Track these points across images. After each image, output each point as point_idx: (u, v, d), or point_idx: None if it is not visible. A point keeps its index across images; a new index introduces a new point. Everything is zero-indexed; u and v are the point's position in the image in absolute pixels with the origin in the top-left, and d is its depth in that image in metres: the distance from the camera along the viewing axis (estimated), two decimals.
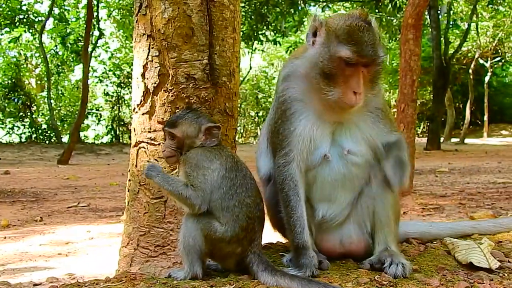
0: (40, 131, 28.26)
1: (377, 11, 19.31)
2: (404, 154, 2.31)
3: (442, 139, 24.92)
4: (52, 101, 27.84)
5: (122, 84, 29.75)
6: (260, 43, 23.32)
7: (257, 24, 20.81)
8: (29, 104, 28.24)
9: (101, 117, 31.73)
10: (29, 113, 28.24)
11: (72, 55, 28.92)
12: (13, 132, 27.99)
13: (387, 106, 2.45)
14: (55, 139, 26.54)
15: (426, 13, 20.55)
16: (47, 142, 26.54)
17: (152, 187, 2.64)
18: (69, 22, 28.47)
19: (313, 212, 2.36)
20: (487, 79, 31.49)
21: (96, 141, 30.06)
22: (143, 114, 2.72)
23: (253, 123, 35.89)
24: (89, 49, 21.71)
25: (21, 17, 26.34)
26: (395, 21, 20.34)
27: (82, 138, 28.05)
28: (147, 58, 2.67)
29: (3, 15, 25.67)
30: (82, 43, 20.87)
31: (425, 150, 20.44)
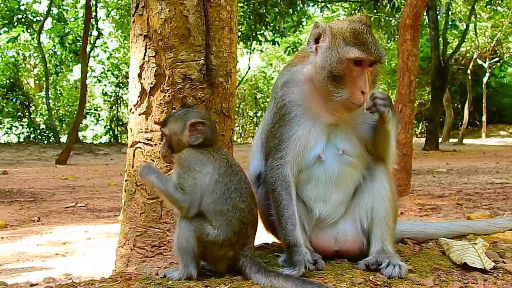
0: (38, 131, 28.17)
1: (375, 11, 19.33)
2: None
3: (440, 139, 24.95)
4: (51, 101, 27.80)
5: (121, 84, 29.67)
6: (258, 43, 23.31)
7: (255, 24, 20.82)
8: (27, 104, 28.15)
9: (99, 117, 31.68)
10: (27, 113, 28.16)
11: (71, 55, 28.87)
12: (11, 132, 27.89)
13: None
14: (53, 139, 26.49)
15: (425, 13, 20.59)
16: (45, 142, 26.46)
17: (149, 188, 2.65)
18: (68, 22, 28.43)
19: (309, 211, 2.40)
20: (485, 79, 31.49)
21: (94, 141, 30.01)
22: (139, 115, 2.73)
23: (251, 123, 35.87)
24: (88, 49, 21.70)
25: (20, 16, 26.29)
26: (393, 21, 20.37)
27: (81, 138, 28.01)
28: (143, 58, 2.68)
29: (1, 14, 25.61)
30: (81, 43, 20.81)
31: (424, 150, 20.46)
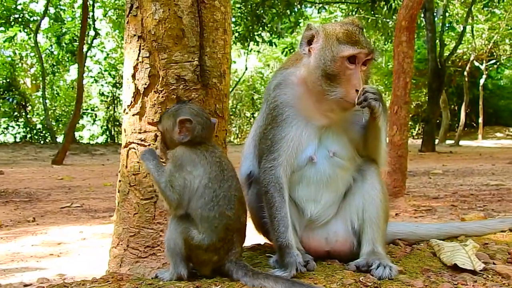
0: (34, 131, 28.12)
1: (372, 13, 19.36)
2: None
3: (437, 141, 24.98)
4: (47, 101, 27.70)
5: (118, 84, 29.61)
6: (256, 44, 23.33)
7: (253, 25, 20.83)
8: (24, 104, 28.10)
9: (96, 117, 31.64)
10: (23, 113, 28.11)
11: (68, 55, 28.78)
12: (7, 132, 27.84)
13: None
14: (49, 139, 26.41)
15: (422, 15, 20.64)
16: (41, 142, 26.39)
17: (142, 188, 2.65)
18: (65, 22, 28.33)
19: (300, 212, 2.42)
20: (482, 81, 31.45)
21: (91, 141, 29.97)
22: (133, 115, 2.73)
23: (248, 123, 35.86)
24: (85, 49, 21.70)
25: (16, 16, 26.20)
26: (390, 23, 20.41)
27: (77, 138, 27.96)
28: (137, 59, 2.68)
29: None
30: (78, 43, 20.79)
31: (420, 152, 20.49)
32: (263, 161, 2.35)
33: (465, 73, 29.78)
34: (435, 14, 23.27)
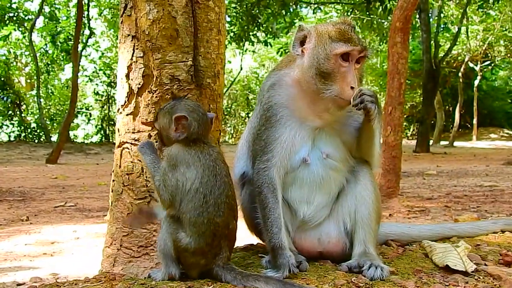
0: (29, 130, 27.98)
1: (368, 13, 19.41)
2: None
3: (431, 141, 25.08)
4: (42, 100, 27.58)
5: (112, 84, 29.51)
6: (251, 44, 23.33)
7: (248, 25, 20.83)
8: (18, 102, 27.94)
9: (90, 116, 31.52)
10: (18, 112, 27.96)
11: (62, 54, 28.67)
12: (1, 131, 27.69)
13: None
14: (44, 138, 26.30)
15: (417, 16, 20.71)
16: (36, 141, 26.26)
17: (136, 188, 2.65)
18: (60, 21, 28.23)
19: (293, 213, 2.42)
20: (476, 82, 31.58)
21: (85, 141, 29.85)
22: (127, 115, 2.72)
23: (243, 124, 35.84)
24: (79, 48, 21.59)
25: (11, 15, 26.08)
26: (385, 23, 20.46)
27: (72, 137, 27.85)
28: (131, 59, 2.68)
29: None
30: (72, 42, 20.67)
31: (414, 152, 20.58)
32: (256, 162, 2.35)
33: (460, 74, 29.95)
34: (430, 15, 23.34)
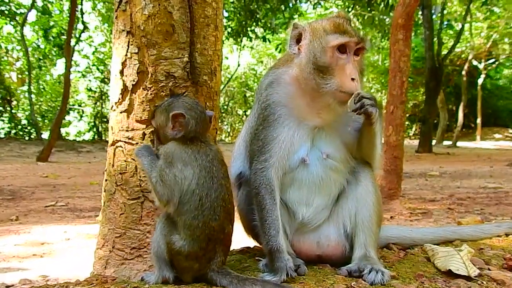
0: (19, 126, 27.66)
1: (369, 9, 19.32)
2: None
3: (434, 141, 24.82)
4: (33, 96, 27.29)
5: (106, 80, 29.24)
6: (249, 39, 23.17)
7: (246, 20, 20.69)
8: (9, 98, 27.62)
9: (83, 113, 31.25)
10: (8, 108, 27.63)
11: (55, 49, 28.39)
12: None
13: None
14: (35, 135, 26.02)
15: (420, 12, 20.56)
16: (26, 138, 25.97)
17: (129, 188, 2.58)
18: (52, 15, 27.94)
19: (292, 214, 2.37)
20: (480, 81, 31.02)
21: (77, 138, 29.60)
22: (121, 112, 2.65)
23: (240, 121, 35.72)
24: (72, 43, 21.37)
25: (3, 8, 25.73)
26: (387, 20, 20.35)
27: (63, 134, 27.59)
28: (126, 55, 2.61)
29: None
30: (65, 37, 20.47)
31: (417, 152, 20.30)
32: (254, 162, 2.30)
33: (463, 72, 29.43)
34: (433, 11, 23.14)
